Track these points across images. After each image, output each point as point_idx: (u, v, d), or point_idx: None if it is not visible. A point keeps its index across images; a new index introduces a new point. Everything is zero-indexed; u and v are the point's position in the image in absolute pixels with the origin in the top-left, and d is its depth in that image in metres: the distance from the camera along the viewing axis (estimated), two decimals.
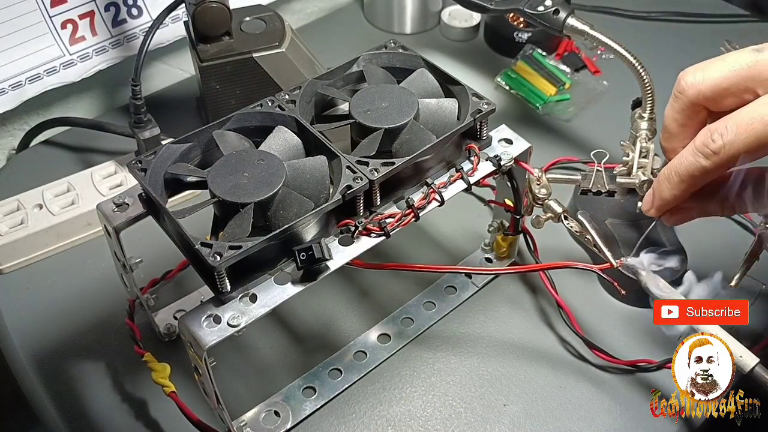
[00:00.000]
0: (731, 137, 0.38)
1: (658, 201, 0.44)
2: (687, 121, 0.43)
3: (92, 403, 0.53)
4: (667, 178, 0.43)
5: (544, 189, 0.53)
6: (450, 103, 0.50)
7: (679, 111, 0.42)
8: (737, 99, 0.40)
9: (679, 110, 0.43)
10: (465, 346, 0.57)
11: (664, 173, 0.43)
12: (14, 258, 0.62)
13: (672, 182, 0.42)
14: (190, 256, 0.44)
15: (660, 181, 0.43)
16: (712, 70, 0.41)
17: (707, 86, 0.41)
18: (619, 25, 0.89)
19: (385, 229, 0.46)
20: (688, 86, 0.41)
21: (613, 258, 0.49)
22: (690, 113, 0.42)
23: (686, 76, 0.42)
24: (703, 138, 0.40)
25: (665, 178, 0.43)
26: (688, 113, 0.42)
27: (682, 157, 0.41)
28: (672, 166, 0.42)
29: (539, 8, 0.65)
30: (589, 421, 0.52)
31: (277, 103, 0.50)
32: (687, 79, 0.42)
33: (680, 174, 0.41)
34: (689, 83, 0.41)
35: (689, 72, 0.42)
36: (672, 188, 0.43)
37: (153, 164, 0.45)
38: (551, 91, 0.79)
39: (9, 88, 0.69)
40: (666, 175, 0.43)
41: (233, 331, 0.41)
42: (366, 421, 0.52)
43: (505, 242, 0.60)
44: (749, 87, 0.40)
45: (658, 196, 0.44)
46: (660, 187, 0.44)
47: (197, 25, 0.65)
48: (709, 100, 0.41)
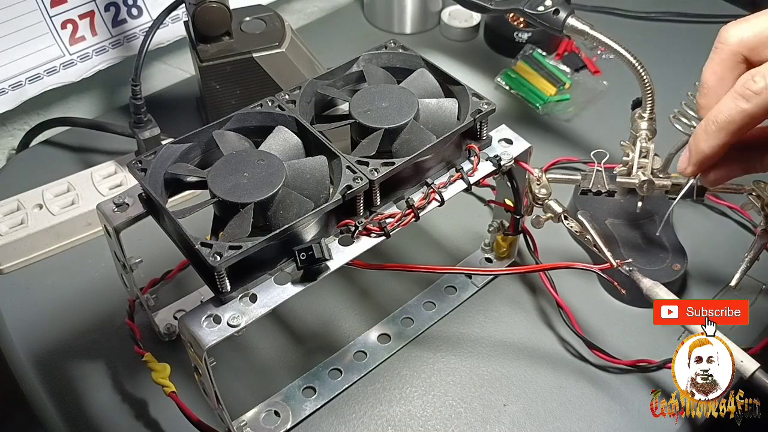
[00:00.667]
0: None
1: (695, 155, 0.42)
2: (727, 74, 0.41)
3: (92, 403, 0.53)
4: (705, 129, 0.40)
5: (544, 189, 0.53)
6: (450, 103, 0.50)
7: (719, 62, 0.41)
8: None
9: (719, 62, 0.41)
10: (465, 346, 0.57)
11: (702, 125, 0.41)
12: (14, 258, 0.62)
13: (710, 132, 0.40)
14: (190, 256, 0.44)
15: (697, 134, 0.41)
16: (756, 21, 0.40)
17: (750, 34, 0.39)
18: (619, 25, 0.89)
19: (385, 229, 0.46)
20: (730, 35, 0.40)
21: (613, 258, 0.49)
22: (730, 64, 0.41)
23: (729, 28, 0.40)
24: (744, 81, 0.38)
25: (702, 129, 0.40)
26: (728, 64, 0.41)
27: (721, 105, 0.39)
28: (710, 115, 0.40)
29: (539, 8, 0.65)
30: (589, 421, 0.52)
31: (277, 103, 0.50)
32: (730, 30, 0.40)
33: (719, 121, 0.39)
34: (731, 33, 0.40)
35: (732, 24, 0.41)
36: (710, 138, 0.40)
37: (153, 164, 0.45)
38: (551, 91, 0.79)
39: (9, 88, 0.69)
40: (703, 127, 0.40)
41: (233, 331, 0.41)
42: (366, 421, 0.52)
43: (505, 242, 0.60)
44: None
45: (695, 149, 0.41)
46: (697, 139, 0.41)
47: (197, 25, 0.65)
48: (751, 49, 0.40)
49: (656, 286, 0.49)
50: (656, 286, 0.49)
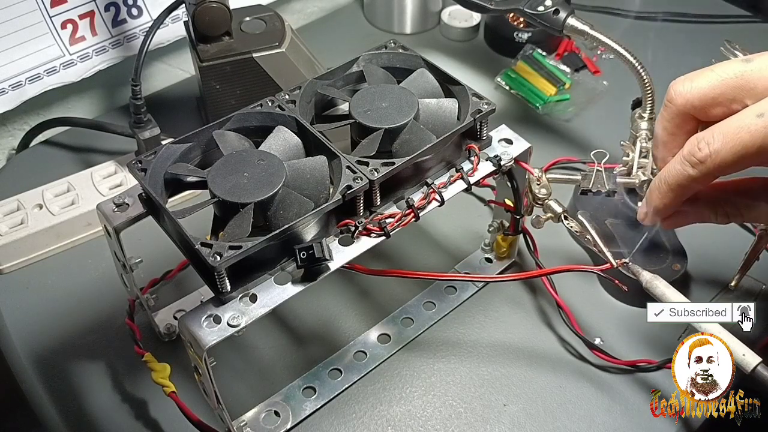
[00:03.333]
0: (717, 146, 0.38)
1: (650, 209, 0.45)
2: (676, 130, 0.43)
3: (92, 403, 0.53)
4: (657, 187, 0.43)
5: (544, 189, 0.53)
6: (450, 103, 0.50)
7: (669, 120, 0.43)
8: (725, 109, 0.40)
9: (668, 119, 0.43)
10: (465, 346, 0.57)
11: (655, 182, 0.44)
12: (14, 258, 0.62)
13: (661, 191, 0.43)
14: (190, 256, 0.44)
15: (651, 191, 0.44)
16: (701, 79, 0.41)
17: (695, 95, 0.41)
18: (619, 25, 0.89)
19: (385, 229, 0.46)
20: (676, 95, 0.42)
21: (613, 258, 0.49)
22: (679, 122, 0.42)
23: (675, 85, 0.42)
24: (690, 147, 0.40)
25: (655, 187, 0.43)
26: (677, 122, 0.43)
27: (670, 166, 0.42)
28: (662, 175, 0.43)
29: (539, 8, 0.65)
30: (589, 421, 0.52)
31: (277, 103, 0.50)
32: (676, 88, 0.42)
33: (669, 183, 0.42)
34: (678, 92, 0.42)
35: (678, 81, 0.42)
36: (662, 197, 0.43)
37: (153, 164, 0.45)
38: (551, 91, 0.79)
39: (9, 88, 0.69)
40: (656, 185, 0.43)
41: (233, 331, 0.41)
42: (366, 421, 0.52)
43: (505, 242, 0.60)
44: (737, 97, 0.40)
45: (650, 204, 0.44)
46: (651, 196, 0.44)
47: (197, 25, 0.65)
48: (697, 109, 0.41)
49: (655, 279, 0.49)
50: (655, 278, 0.49)
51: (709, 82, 0.41)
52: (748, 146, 0.38)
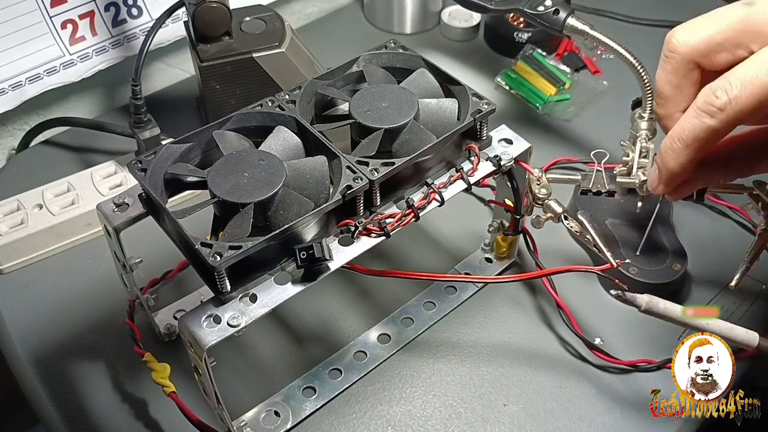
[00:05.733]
0: (737, 92, 0.36)
1: (665, 174, 0.41)
2: (682, 82, 0.40)
3: (92, 403, 0.53)
4: (671, 147, 0.40)
5: (544, 189, 0.53)
6: (450, 103, 0.50)
7: (673, 71, 0.40)
8: (730, 55, 0.38)
9: (672, 71, 0.40)
10: (465, 346, 0.57)
11: (667, 143, 0.40)
12: (14, 258, 0.62)
13: (677, 150, 0.39)
14: (190, 256, 0.44)
15: (663, 153, 0.41)
16: (704, 25, 0.39)
17: (701, 41, 0.39)
18: (619, 28, 0.88)
19: (385, 229, 0.46)
20: (680, 44, 0.39)
21: (613, 258, 0.49)
22: (684, 72, 0.40)
23: (676, 33, 0.40)
24: (706, 97, 0.37)
25: (668, 147, 0.40)
26: (682, 72, 0.40)
27: (684, 122, 0.39)
28: (674, 132, 0.39)
29: (539, 8, 0.65)
30: (589, 421, 0.52)
31: (277, 103, 0.50)
32: (678, 37, 0.39)
33: (684, 139, 0.39)
34: (681, 41, 0.39)
35: (679, 30, 0.40)
36: (678, 156, 0.40)
37: (153, 164, 0.45)
38: (551, 91, 0.79)
39: (9, 88, 0.69)
40: (669, 145, 0.40)
41: (233, 331, 0.41)
42: (366, 421, 0.52)
43: (505, 242, 0.60)
44: (742, 42, 0.38)
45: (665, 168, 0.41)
46: (665, 158, 0.41)
47: (197, 25, 0.65)
48: (703, 56, 0.39)
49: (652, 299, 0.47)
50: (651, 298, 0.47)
51: (714, 26, 0.39)
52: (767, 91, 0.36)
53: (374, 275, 0.48)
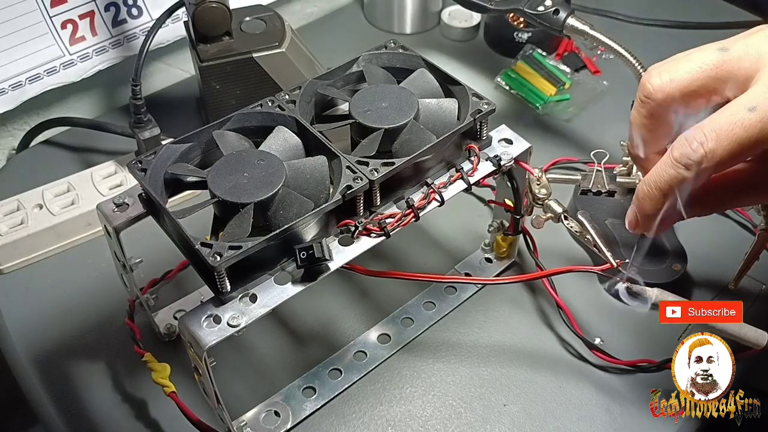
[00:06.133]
0: (712, 145, 0.36)
1: (643, 219, 0.42)
2: (657, 126, 0.41)
3: (92, 403, 0.53)
4: (648, 194, 0.40)
5: (544, 189, 0.53)
6: (450, 103, 0.50)
7: (648, 116, 0.40)
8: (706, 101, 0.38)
9: (647, 115, 0.40)
10: (465, 346, 0.57)
11: (644, 189, 0.41)
12: (14, 258, 0.62)
13: (654, 197, 0.40)
14: (190, 256, 0.44)
15: (641, 199, 0.41)
16: (679, 70, 0.39)
17: (676, 89, 0.39)
18: (620, 28, 0.88)
19: (385, 229, 0.46)
20: (655, 90, 0.39)
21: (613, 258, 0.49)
22: (659, 116, 0.40)
23: (651, 78, 0.39)
24: (682, 149, 0.37)
25: (645, 195, 0.40)
26: (657, 117, 0.40)
27: (660, 170, 0.39)
28: (651, 180, 0.40)
29: (539, 8, 0.65)
30: (589, 421, 0.52)
31: (277, 103, 0.50)
32: (653, 82, 0.39)
33: (661, 188, 0.39)
34: (656, 87, 0.39)
35: (653, 74, 0.39)
36: (655, 204, 0.40)
37: (153, 164, 0.45)
38: (551, 91, 0.79)
39: (9, 88, 0.69)
40: (646, 192, 0.40)
41: (233, 331, 0.41)
42: (366, 421, 0.52)
43: (505, 242, 0.60)
44: (717, 88, 0.38)
45: (642, 214, 0.42)
46: (642, 204, 0.41)
47: (197, 25, 0.65)
48: (677, 102, 0.39)
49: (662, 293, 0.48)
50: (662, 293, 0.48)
51: (689, 72, 0.38)
52: (743, 142, 0.36)
53: (374, 275, 0.48)
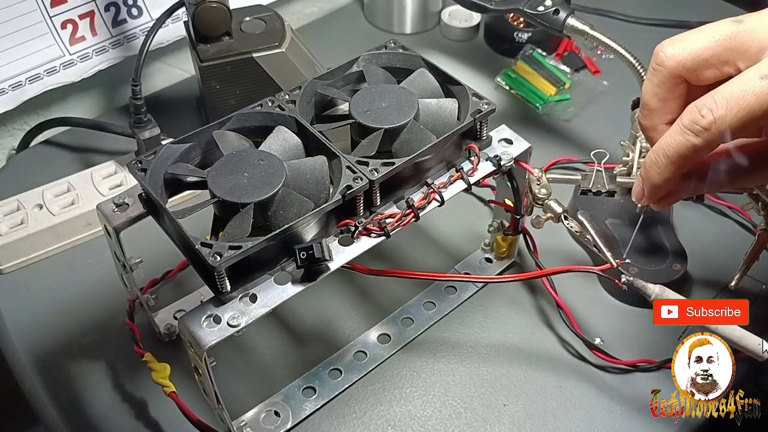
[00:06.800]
0: (722, 112, 0.36)
1: (649, 188, 0.42)
2: (667, 95, 0.40)
3: (92, 403, 0.53)
4: (655, 162, 0.40)
5: (544, 189, 0.53)
6: (450, 103, 0.50)
7: (659, 84, 0.40)
8: (717, 71, 0.39)
9: (658, 83, 0.40)
10: (465, 346, 0.57)
11: (651, 158, 0.40)
12: (14, 258, 0.62)
13: (661, 165, 0.40)
14: (190, 256, 0.44)
15: (648, 167, 0.41)
16: (692, 41, 0.39)
17: (688, 57, 0.39)
18: (620, 28, 0.88)
19: (385, 229, 0.46)
20: (667, 58, 0.39)
21: (613, 258, 0.49)
22: (670, 86, 0.40)
23: (664, 47, 0.40)
24: (691, 115, 0.37)
25: (652, 162, 0.40)
26: (668, 86, 0.40)
27: (669, 138, 0.39)
28: (659, 148, 0.40)
29: (539, 8, 0.65)
30: (589, 421, 0.52)
31: (277, 103, 0.50)
32: (666, 50, 0.39)
33: (669, 155, 0.39)
34: (669, 55, 0.39)
35: (667, 43, 0.40)
36: (662, 172, 0.40)
37: (153, 164, 0.45)
38: (551, 91, 0.79)
39: (9, 88, 0.69)
40: (653, 160, 0.40)
41: (233, 331, 0.41)
42: (366, 421, 0.52)
43: (505, 242, 0.60)
44: (729, 59, 0.38)
45: (649, 182, 0.41)
46: (649, 172, 0.41)
47: (197, 25, 0.65)
48: (689, 71, 0.39)
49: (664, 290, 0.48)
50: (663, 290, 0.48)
51: (702, 42, 0.39)
52: (754, 110, 0.36)
53: (374, 275, 0.48)
